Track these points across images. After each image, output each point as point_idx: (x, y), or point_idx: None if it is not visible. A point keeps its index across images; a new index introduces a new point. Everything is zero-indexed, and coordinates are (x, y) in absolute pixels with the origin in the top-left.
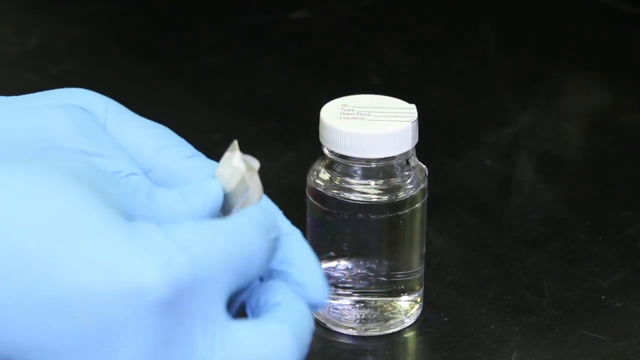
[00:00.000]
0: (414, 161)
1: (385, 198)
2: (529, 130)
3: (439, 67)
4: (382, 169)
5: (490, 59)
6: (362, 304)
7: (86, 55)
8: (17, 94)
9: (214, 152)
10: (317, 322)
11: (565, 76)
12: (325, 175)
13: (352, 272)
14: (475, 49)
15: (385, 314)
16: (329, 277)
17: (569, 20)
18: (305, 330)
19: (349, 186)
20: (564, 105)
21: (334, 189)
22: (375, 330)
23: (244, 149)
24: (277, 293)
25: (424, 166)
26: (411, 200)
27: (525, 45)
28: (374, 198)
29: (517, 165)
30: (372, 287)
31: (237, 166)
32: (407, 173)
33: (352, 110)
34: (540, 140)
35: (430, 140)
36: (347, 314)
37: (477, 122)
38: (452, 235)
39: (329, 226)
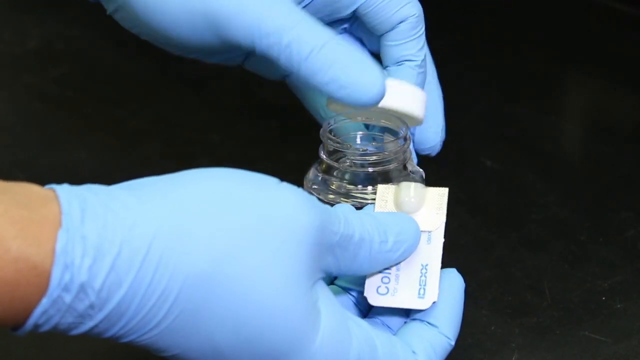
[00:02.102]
0: (412, 165)
1: None
2: (529, 131)
3: (437, 68)
4: (380, 174)
5: (489, 58)
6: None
7: (86, 57)
8: (18, 96)
9: (214, 152)
10: None
11: (566, 76)
12: (322, 180)
13: None
14: (475, 49)
15: None
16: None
17: (568, 19)
18: None
19: (346, 191)
20: (564, 105)
21: (331, 194)
22: None
23: (244, 149)
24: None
25: (421, 170)
26: None
27: (525, 45)
28: (372, 203)
29: (517, 166)
30: None
31: None
32: (404, 177)
33: None
34: (541, 141)
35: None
36: None
37: (477, 122)
38: (453, 236)
39: None
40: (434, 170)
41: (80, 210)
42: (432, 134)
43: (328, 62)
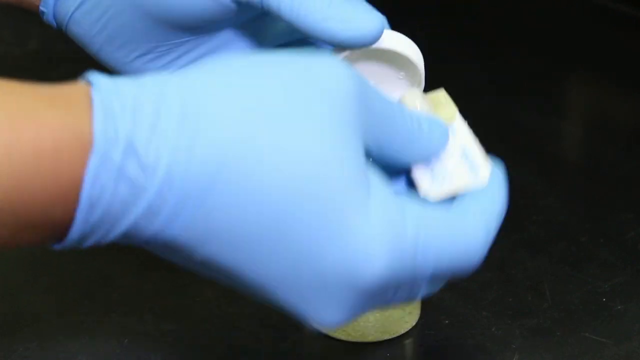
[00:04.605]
0: None
1: None
2: (529, 132)
3: (438, 69)
4: None
5: (490, 59)
6: None
7: (87, 58)
8: None
9: None
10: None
11: (566, 77)
12: None
13: None
14: (475, 50)
15: (384, 320)
16: None
17: (569, 21)
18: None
19: None
20: (564, 106)
21: None
22: (373, 337)
23: None
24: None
25: None
26: None
27: (525, 46)
28: None
29: (517, 167)
30: None
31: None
32: None
33: None
34: (541, 142)
35: None
36: None
37: (477, 123)
38: None
39: None
40: None
41: (110, 79)
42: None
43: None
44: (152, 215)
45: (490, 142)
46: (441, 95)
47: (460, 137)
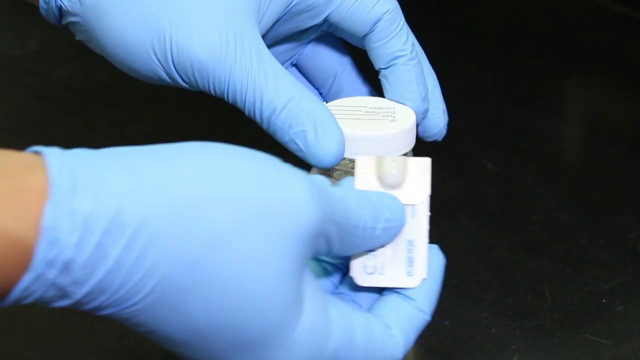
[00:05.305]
0: None
1: None
2: (529, 134)
3: (438, 70)
4: None
5: (490, 61)
6: None
7: (86, 59)
8: (18, 98)
9: None
10: None
11: (566, 79)
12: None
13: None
14: (475, 51)
15: None
16: None
17: (569, 22)
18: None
19: None
20: (564, 108)
21: None
22: None
23: None
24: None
25: None
26: None
27: (526, 47)
28: None
29: (517, 169)
30: None
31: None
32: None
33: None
34: (541, 144)
35: (430, 143)
36: None
37: (478, 125)
38: (453, 238)
39: None
40: (434, 172)
41: (71, 180)
42: (435, 119)
43: (287, 124)
44: (81, 304)
45: (491, 144)
46: (424, 166)
47: (414, 226)
